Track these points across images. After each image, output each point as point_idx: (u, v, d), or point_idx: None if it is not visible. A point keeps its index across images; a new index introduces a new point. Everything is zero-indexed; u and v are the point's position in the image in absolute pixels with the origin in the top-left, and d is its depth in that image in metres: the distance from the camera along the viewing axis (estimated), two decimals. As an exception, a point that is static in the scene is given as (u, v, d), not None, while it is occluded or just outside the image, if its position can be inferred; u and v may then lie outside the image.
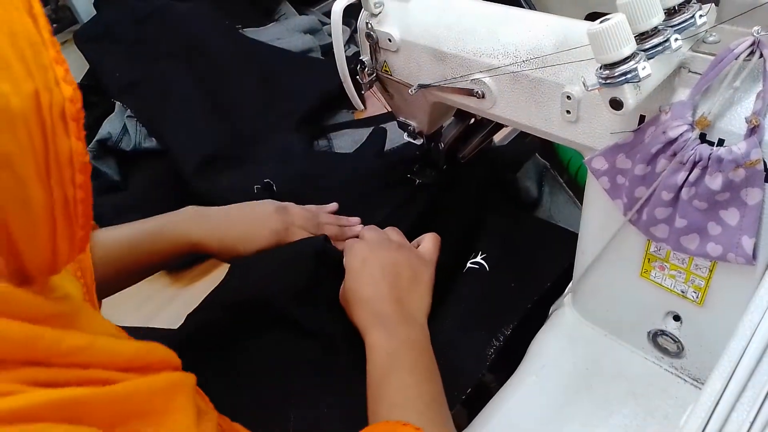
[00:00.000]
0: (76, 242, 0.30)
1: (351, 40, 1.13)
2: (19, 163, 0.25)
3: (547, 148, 1.12)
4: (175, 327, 0.61)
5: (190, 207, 0.65)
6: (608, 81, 0.35)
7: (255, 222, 0.64)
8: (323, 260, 0.60)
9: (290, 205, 0.68)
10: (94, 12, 1.13)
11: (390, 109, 0.66)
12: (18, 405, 0.25)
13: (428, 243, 0.62)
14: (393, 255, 0.58)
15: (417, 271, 0.58)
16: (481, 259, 0.64)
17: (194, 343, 0.58)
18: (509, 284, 0.61)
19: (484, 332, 0.57)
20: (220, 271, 0.75)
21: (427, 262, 0.60)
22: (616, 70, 0.34)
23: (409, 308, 0.55)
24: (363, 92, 0.62)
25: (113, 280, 0.60)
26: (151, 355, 0.34)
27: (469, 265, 0.64)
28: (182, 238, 0.62)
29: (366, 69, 0.58)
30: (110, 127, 0.95)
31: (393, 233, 0.62)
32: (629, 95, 0.36)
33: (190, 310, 0.62)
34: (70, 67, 0.28)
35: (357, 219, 0.70)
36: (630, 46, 0.34)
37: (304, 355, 0.56)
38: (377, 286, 0.55)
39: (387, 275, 0.56)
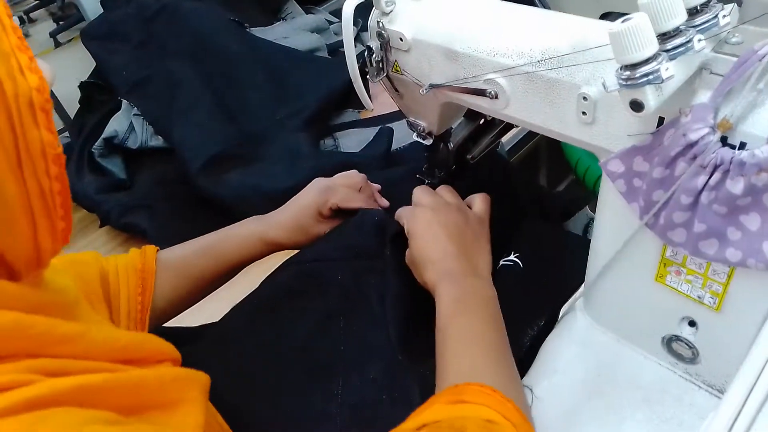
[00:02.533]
0: (58, 234, 0.30)
1: (358, 39, 1.13)
2: None
3: (555, 149, 1.11)
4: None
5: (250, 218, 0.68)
6: (629, 82, 0.34)
7: (301, 204, 0.67)
8: (383, 229, 0.61)
9: (333, 181, 0.70)
10: (101, 10, 1.13)
11: (399, 108, 0.66)
12: (36, 394, 0.25)
13: (480, 203, 0.64)
14: (454, 216, 0.59)
15: (476, 229, 0.60)
16: (515, 257, 0.65)
17: (243, 321, 0.59)
18: (542, 281, 0.63)
19: (521, 322, 0.58)
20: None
21: (482, 220, 0.62)
22: (638, 71, 0.34)
23: (475, 263, 0.57)
24: (371, 82, 0.60)
25: (184, 293, 0.63)
26: (146, 345, 0.34)
27: (502, 263, 0.65)
28: (250, 237, 0.65)
29: (374, 55, 0.57)
30: (117, 125, 0.95)
31: (446, 193, 0.63)
32: (650, 97, 0.35)
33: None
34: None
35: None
36: (652, 47, 0.33)
37: (351, 326, 0.56)
38: (443, 246, 0.56)
39: (451, 236, 0.57)
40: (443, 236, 0.57)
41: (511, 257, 0.65)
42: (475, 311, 0.51)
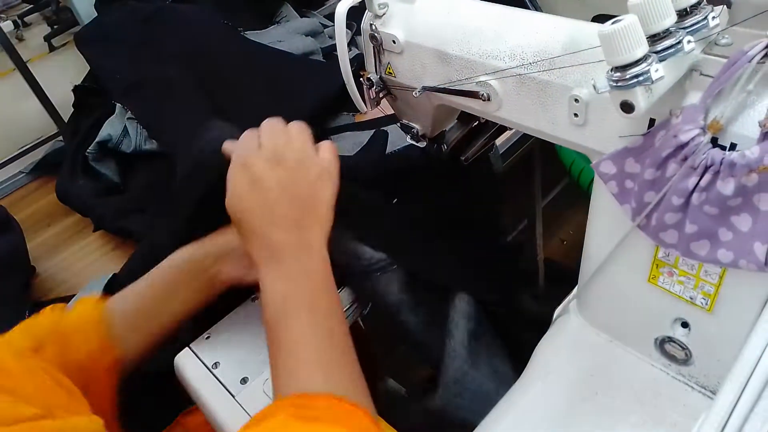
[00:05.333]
0: None
1: (352, 43, 1.13)
2: None
3: (549, 151, 1.11)
4: None
5: None
6: (619, 83, 0.34)
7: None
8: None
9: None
10: (95, 14, 1.13)
11: (393, 111, 0.66)
12: None
13: (326, 152, 0.52)
14: (292, 171, 0.49)
15: (316, 187, 0.50)
16: None
17: None
18: None
19: None
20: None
21: (329, 173, 0.51)
22: (628, 72, 0.34)
23: (307, 235, 0.48)
24: (370, 109, 0.62)
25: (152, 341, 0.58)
26: None
27: None
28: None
29: (374, 87, 0.57)
30: (111, 129, 0.95)
31: (294, 127, 0.53)
32: (641, 98, 0.35)
33: None
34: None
35: None
36: (642, 48, 0.33)
37: None
38: (271, 212, 0.47)
39: (282, 197, 0.47)
40: (271, 198, 0.47)
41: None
42: (311, 308, 0.45)
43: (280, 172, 0.48)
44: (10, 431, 0.31)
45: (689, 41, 0.35)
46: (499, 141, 0.78)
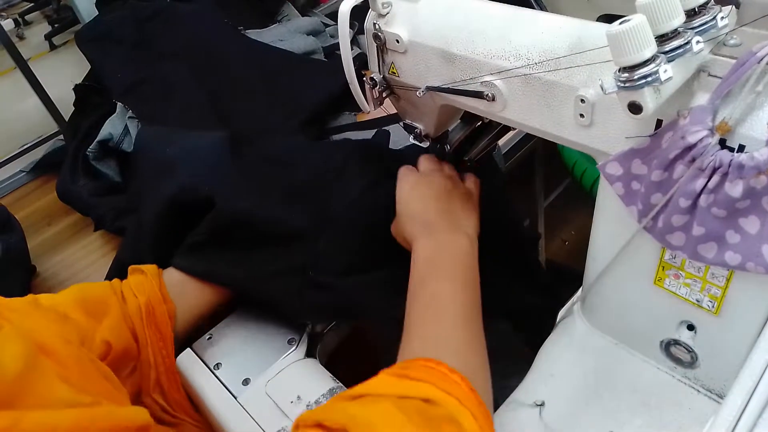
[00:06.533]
0: None
1: (354, 42, 1.12)
2: None
3: (551, 151, 1.11)
4: None
5: None
6: (627, 84, 0.34)
7: None
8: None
9: None
10: (96, 12, 1.12)
11: (396, 111, 0.65)
12: None
13: (470, 182, 0.64)
14: (443, 182, 0.59)
15: (464, 197, 0.59)
16: None
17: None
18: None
19: None
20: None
21: (471, 193, 0.62)
22: (636, 73, 0.33)
23: (458, 219, 0.56)
24: (373, 109, 0.62)
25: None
26: (98, 423, 0.32)
27: None
28: None
29: (377, 86, 0.57)
30: (111, 128, 0.94)
31: (446, 165, 0.63)
32: (649, 99, 0.34)
33: None
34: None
35: None
36: (650, 49, 0.33)
37: None
38: (426, 202, 0.56)
39: (438, 195, 0.57)
40: (428, 194, 0.57)
41: None
42: (447, 274, 0.50)
43: (434, 181, 0.59)
44: (73, 414, 0.32)
45: (698, 42, 0.35)
46: (501, 141, 0.78)
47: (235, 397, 0.59)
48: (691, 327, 0.48)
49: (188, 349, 0.64)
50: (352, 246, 0.62)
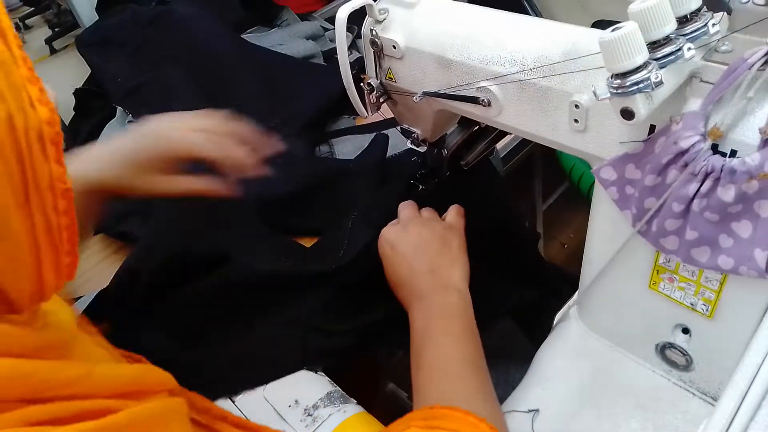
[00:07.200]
0: (63, 269, 0.29)
1: (353, 46, 1.13)
2: None
3: (549, 155, 1.11)
4: None
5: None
6: (620, 90, 0.34)
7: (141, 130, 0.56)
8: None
9: (178, 123, 0.56)
10: (97, 17, 1.13)
11: (394, 115, 0.66)
12: None
13: (452, 213, 0.65)
14: (418, 232, 0.60)
15: (445, 239, 0.60)
16: None
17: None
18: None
19: None
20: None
21: (453, 228, 0.62)
22: (628, 79, 0.34)
23: (444, 276, 0.57)
24: (370, 113, 0.62)
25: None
26: (147, 378, 0.34)
27: None
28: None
29: (374, 92, 0.58)
30: (111, 131, 0.95)
31: (425, 211, 0.65)
32: (641, 105, 0.35)
33: None
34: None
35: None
36: (642, 55, 0.33)
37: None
38: (410, 266, 0.58)
39: (417, 252, 0.58)
40: (409, 254, 0.58)
41: None
42: (446, 331, 0.52)
43: (411, 235, 0.59)
44: (130, 369, 0.34)
45: (689, 48, 0.35)
46: (499, 145, 0.78)
47: (234, 402, 0.59)
48: (685, 330, 0.48)
49: (187, 353, 0.64)
50: (358, 291, 0.64)
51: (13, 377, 0.26)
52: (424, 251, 0.58)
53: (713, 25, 0.36)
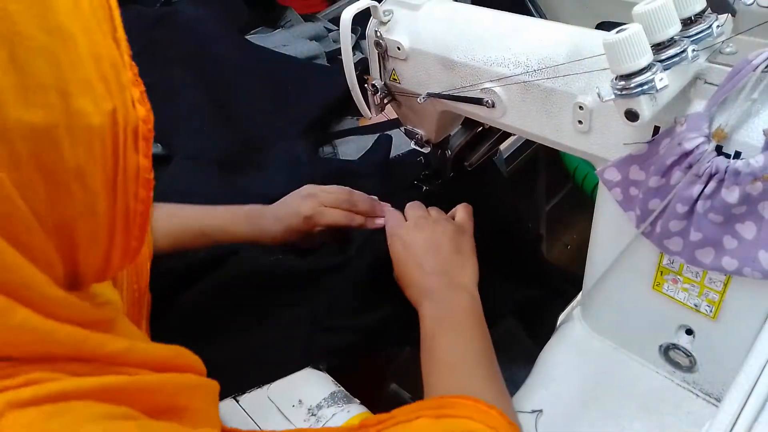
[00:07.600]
0: (129, 252, 0.32)
1: (357, 47, 1.13)
2: (90, 175, 0.27)
3: (553, 155, 1.11)
4: None
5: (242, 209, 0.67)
6: (624, 92, 0.34)
7: (285, 208, 0.67)
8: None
9: (321, 187, 0.69)
10: (101, 18, 1.13)
11: (397, 116, 0.66)
12: (60, 388, 0.27)
13: (461, 213, 0.65)
14: (430, 233, 0.61)
15: (456, 241, 0.61)
16: None
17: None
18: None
19: None
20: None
21: (464, 230, 0.63)
22: (633, 81, 0.34)
23: (455, 277, 0.58)
24: (374, 115, 0.62)
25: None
26: (179, 359, 0.36)
27: None
28: (227, 238, 0.66)
29: (378, 93, 0.58)
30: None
31: (433, 211, 0.65)
32: (645, 107, 0.35)
33: None
34: None
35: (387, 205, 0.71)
36: (647, 57, 0.33)
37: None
38: (421, 266, 0.58)
39: (428, 253, 0.59)
40: (421, 255, 0.59)
41: None
42: (456, 328, 0.53)
43: (423, 235, 0.60)
44: (166, 348, 0.35)
45: (694, 50, 0.35)
46: (503, 146, 0.79)
47: (237, 401, 0.59)
48: (689, 331, 0.49)
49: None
50: (364, 287, 0.64)
51: (66, 342, 0.28)
52: (436, 252, 0.59)
53: (718, 26, 0.36)
